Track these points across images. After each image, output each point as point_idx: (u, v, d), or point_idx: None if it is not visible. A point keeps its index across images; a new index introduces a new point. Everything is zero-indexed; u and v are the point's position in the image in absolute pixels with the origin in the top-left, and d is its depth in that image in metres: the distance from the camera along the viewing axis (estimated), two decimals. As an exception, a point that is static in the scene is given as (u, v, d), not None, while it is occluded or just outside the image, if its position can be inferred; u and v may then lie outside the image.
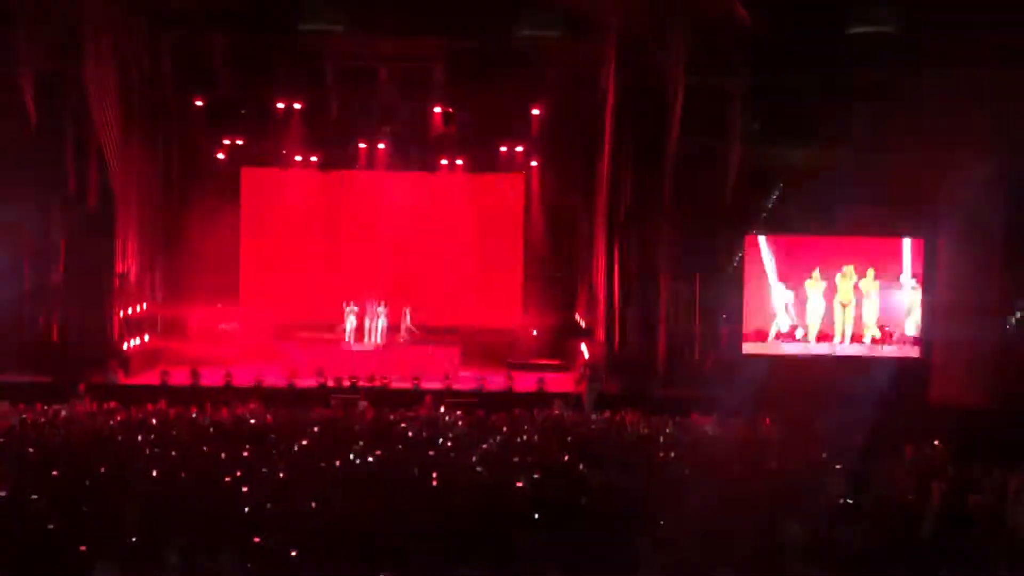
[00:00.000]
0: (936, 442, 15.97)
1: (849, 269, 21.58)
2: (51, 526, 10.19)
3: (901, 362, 21.19)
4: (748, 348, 21.48)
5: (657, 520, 10.52)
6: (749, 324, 21.60)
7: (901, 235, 21.70)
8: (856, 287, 21.58)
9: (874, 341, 21.50)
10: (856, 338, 21.48)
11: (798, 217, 22.07)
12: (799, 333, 21.54)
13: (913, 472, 14.64)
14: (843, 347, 21.49)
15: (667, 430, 16.96)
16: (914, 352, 21.45)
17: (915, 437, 16.46)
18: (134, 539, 9.73)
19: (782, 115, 21.99)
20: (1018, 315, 22.67)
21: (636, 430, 17.15)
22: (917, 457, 15.40)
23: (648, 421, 17.69)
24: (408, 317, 24.13)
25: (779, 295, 21.44)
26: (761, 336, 21.54)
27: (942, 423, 17.70)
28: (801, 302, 21.56)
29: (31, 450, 14.04)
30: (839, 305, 21.58)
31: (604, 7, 21.71)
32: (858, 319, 21.51)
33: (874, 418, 16.97)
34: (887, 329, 21.56)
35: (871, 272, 21.51)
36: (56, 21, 20.33)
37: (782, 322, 21.50)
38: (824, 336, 21.51)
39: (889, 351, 21.39)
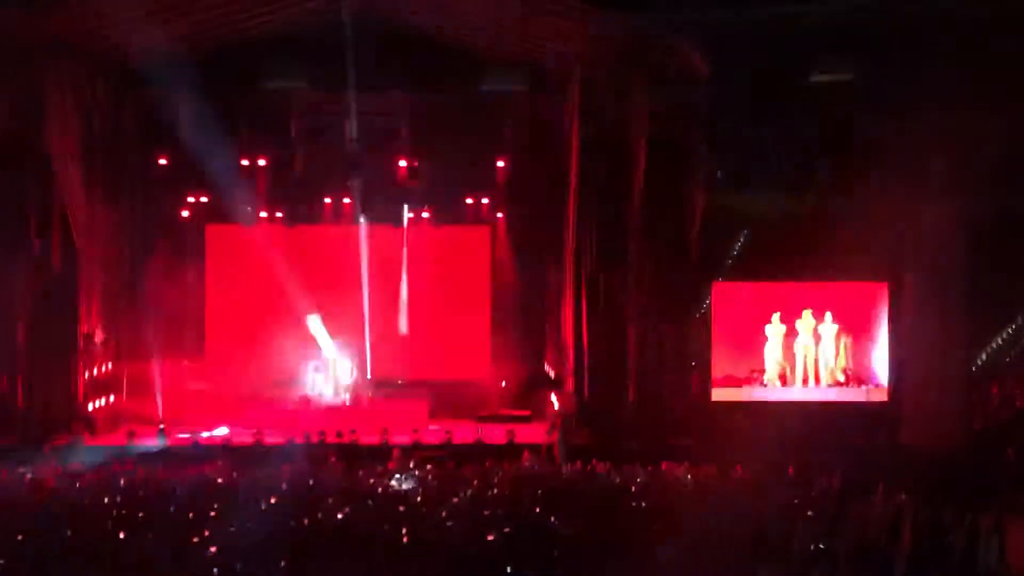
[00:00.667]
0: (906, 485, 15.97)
1: (807, 314, 21.75)
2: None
3: (869, 406, 21.28)
4: (717, 395, 21.52)
5: (631, 572, 10.50)
6: (718, 370, 21.69)
7: (864, 280, 21.88)
8: (815, 331, 21.75)
9: (838, 384, 21.61)
10: (819, 381, 21.65)
11: (763, 264, 22.22)
12: (767, 378, 21.68)
13: (885, 515, 14.69)
14: (811, 391, 21.57)
15: (638, 479, 16.93)
16: (882, 396, 21.56)
17: (885, 480, 16.52)
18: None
19: (745, 164, 22.21)
20: (983, 357, 22.88)
21: (607, 481, 17.13)
22: (888, 500, 15.42)
23: (619, 471, 17.65)
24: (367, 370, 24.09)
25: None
26: (732, 382, 21.61)
27: (912, 465, 17.79)
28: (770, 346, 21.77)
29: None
30: (801, 349, 21.74)
31: (566, 62, 21.93)
32: (820, 362, 21.69)
33: (844, 462, 17.03)
34: (849, 372, 21.70)
35: (828, 316, 21.71)
36: (18, 81, 20.31)
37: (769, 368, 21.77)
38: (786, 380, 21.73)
39: (857, 395, 21.48)
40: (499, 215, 26.32)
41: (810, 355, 21.75)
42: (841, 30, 21.06)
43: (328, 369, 23.86)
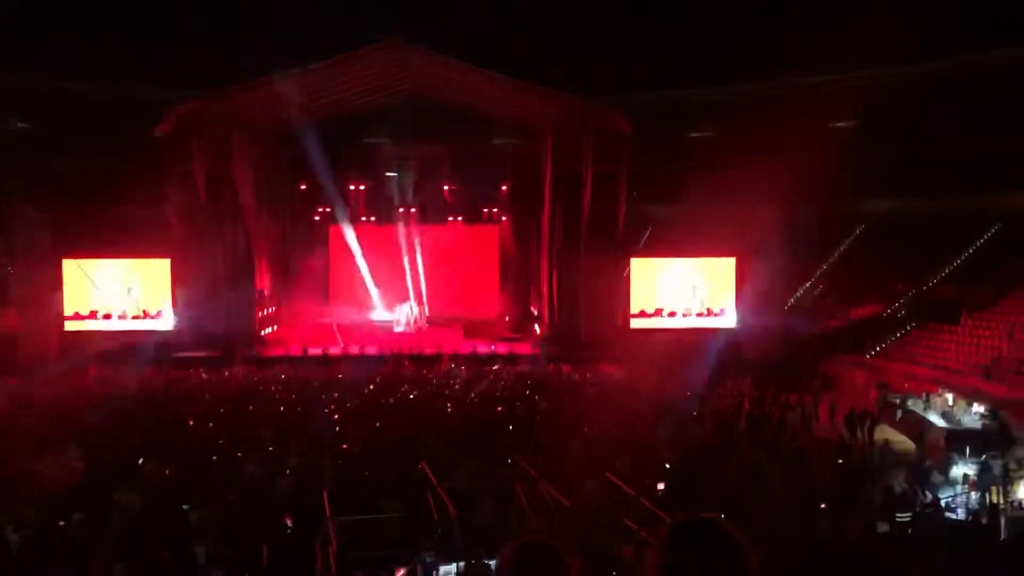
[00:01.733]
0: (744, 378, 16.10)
1: (689, 275, 21.81)
2: (220, 441, 10.23)
3: (725, 331, 21.35)
4: (635, 324, 21.57)
5: (582, 428, 10.66)
6: (635, 308, 21.78)
7: (721, 255, 21.91)
8: (693, 287, 21.84)
9: (703, 315, 21.73)
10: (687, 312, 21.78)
11: (660, 247, 22.24)
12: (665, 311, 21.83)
13: (732, 394, 14.85)
14: (689, 321, 21.65)
15: (587, 375, 17.11)
16: (732, 324, 21.64)
17: (733, 374, 16.69)
18: (270, 448, 9.78)
19: (649, 186, 22.18)
20: (790, 303, 22.94)
21: (569, 376, 17.29)
22: (734, 386, 15.57)
23: (576, 370, 17.80)
24: (426, 311, 24.16)
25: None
26: (643, 315, 21.71)
27: (749, 367, 17.94)
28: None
29: (207, 397, 14.04)
30: (683, 296, 21.81)
31: (543, 123, 21.86)
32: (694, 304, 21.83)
33: (710, 365, 17.15)
34: (710, 310, 21.79)
35: (700, 277, 21.80)
36: (216, 139, 20.30)
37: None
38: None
39: (716, 324, 21.54)
40: (504, 219, 26.25)
41: (689, 299, 21.84)
42: (708, 106, 21.10)
43: (402, 311, 23.88)
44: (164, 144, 19.99)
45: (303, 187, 24.72)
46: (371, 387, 14.81)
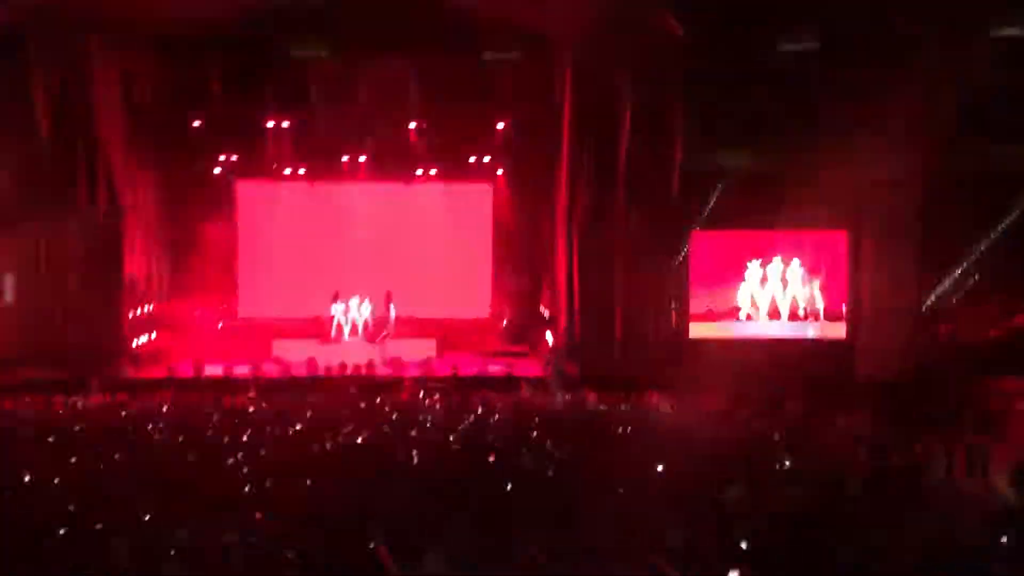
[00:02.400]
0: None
1: (777, 260, 21.88)
2: (71, 507, 10.12)
3: (828, 343, 21.31)
4: (694, 332, 21.57)
5: (616, 488, 10.55)
6: (697, 307, 21.81)
7: (826, 228, 21.86)
8: (783, 275, 21.87)
9: (799, 319, 21.77)
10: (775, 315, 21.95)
11: (736, 215, 22.15)
12: (741, 314, 21.87)
13: (841, 438, 14.77)
14: (777, 327, 21.64)
15: (622, 407, 17.03)
16: (839, 333, 21.61)
17: (842, 409, 16.62)
18: (146, 518, 9.68)
19: (720, 122, 22.02)
20: (931, 299, 22.86)
21: (595, 409, 17.21)
22: (845, 425, 15.50)
23: (605, 400, 17.74)
24: (392, 311, 24.17)
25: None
26: (711, 316, 21.72)
27: (866, 396, 17.85)
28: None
29: (50, 439, 13.94)
30: (770, 290, 21.89)
31: (559, 29, 21.74)
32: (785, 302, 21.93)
33: (806, 393, 17.09)
34: (808, 310, 21.81)
35: (795, 262, 21.84)
36: (66, 50, 20.18)
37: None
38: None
39: (817, 332, 21.53)
40: (499, 171, 26.18)
41: (778, 295, 21.81)
42: (806, 5, 20.99)
43: (348, 310, 23.85)
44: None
45: (197, 124, 24.62)
46: (298, 426, 14.71)
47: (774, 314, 21.90)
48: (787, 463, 12.98)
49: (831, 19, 21.03)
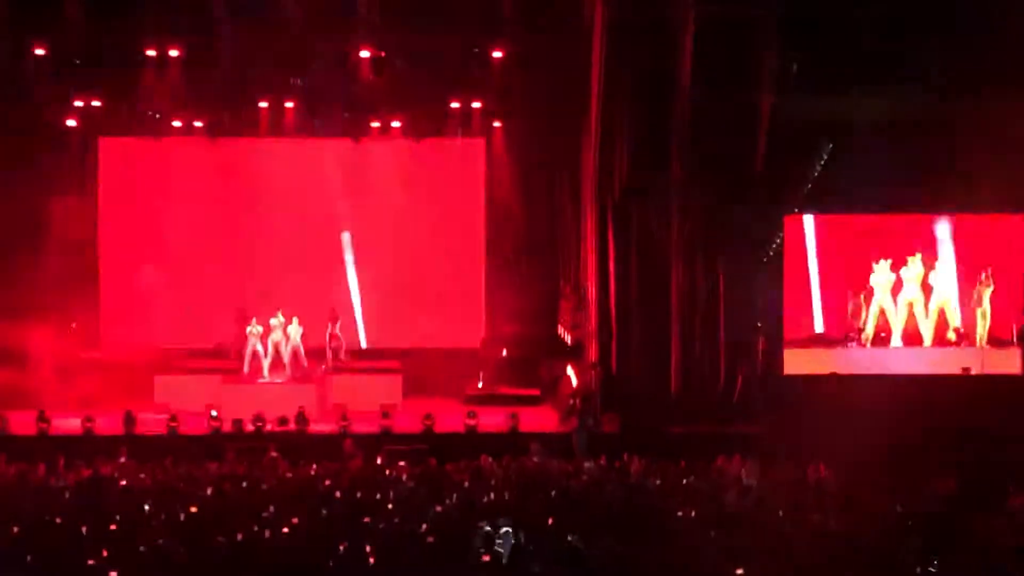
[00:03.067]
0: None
1: (915, 260, 21.84)
2: None
3: (994, 380, 21.23)
4: (792, 365, 21.49)
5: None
6: (797, 329, 21.82)
7: (994, 211, 21.82)
8: (925, 281, 21.91)
9: (949, 344, 21.81)
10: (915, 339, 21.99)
11: (855, 191, 22.10)
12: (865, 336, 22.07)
13: (1018, 527, 14.69)
14: (915, 358, 21.64)
15: (684, 481, 16.98)
16: (1013, 366, 21.53)
17: (1017, 480, 16.55)
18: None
19: (828, 53, 21.98)
20: None
21: (643, 482, 17.16)
22: (1021, 507, 15.46)
23: (659, 469, 17.70)
24: (330, 337, 24.16)
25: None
26: (818, 343, 21.90)
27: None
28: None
29: None
30: (905, 303, 21.92)
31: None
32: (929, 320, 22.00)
33: (964, 456, 17.01)
34: (966, 332, 21.87)
35: (946, 261, 21.94)
36: None
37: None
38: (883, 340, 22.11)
39: (977, 363, 21.49)
40: (496, 124, 26.20)
41: (919, 310, 21.77)
42: None
43: (267, 333, 23.82)
44: None
45: (41, 51, 24.56)
46: (192, 508, 14.68)
47: (913, 338, 21.85)
48: (933, 566, 12.92)
49: None
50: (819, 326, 22.04)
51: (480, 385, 24.32)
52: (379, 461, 18.47)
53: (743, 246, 21.70)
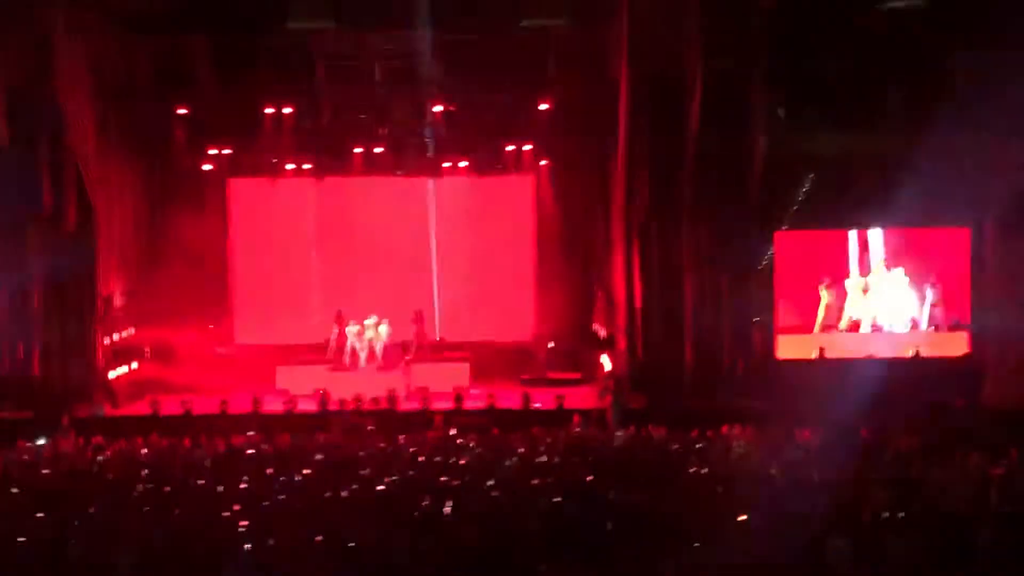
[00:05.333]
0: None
1: (880, 264, 21.78)
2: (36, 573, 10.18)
3: (948, 362, 21.04)
4: (783, 352, 21.41)
5: (691, 544, 10.45)
6: (785, 321, 21.71)
7: (943, 225, 21.63)
8: (889, 283, 21.79)
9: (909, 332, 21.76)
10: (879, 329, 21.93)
11: (830, 211, 21.98)
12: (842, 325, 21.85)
13: (967, 480, 14.55)
14: (884, 345, 21.46)
15: (698, 445, 16.92)
16: (962, 348, 21.35)
17: (967, 443, 16.39)
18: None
19: (809, 99, 21.86)
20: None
21: (664, 446, 17.12)
22: (970, 466, 15.29)
23: (677, 436, 17.65)
24: (415, 334, 24.27)
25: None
26: (802, 330, 21.65)
27: (997, 427, 17.58)
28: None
29: (14, 491, 14.04)
30: (873, 302, 21.85)
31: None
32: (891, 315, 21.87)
33: (921, 423, 16.87)
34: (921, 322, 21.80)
35: (904, 267, 21.73)
36: (25, 28, 20.34)
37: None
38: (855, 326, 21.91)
39: (933, 349, 21.29)
40: (543, 163, 26.19)
41: (883, 306, 21.63)
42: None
43: (364, 331, 23.88)
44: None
45: (182, 111, 24.81)
46: (306, 471, 14.76)
47: (878, 329, 21.71)
48: (901, 512, 12.80)
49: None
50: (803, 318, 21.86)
51: (532, 371, 24.26)
52: (452, 432, 18.51)
53: (742, 257, 21.53)
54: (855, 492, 13.19)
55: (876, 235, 21.88)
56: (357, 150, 25.79)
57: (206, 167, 25.92)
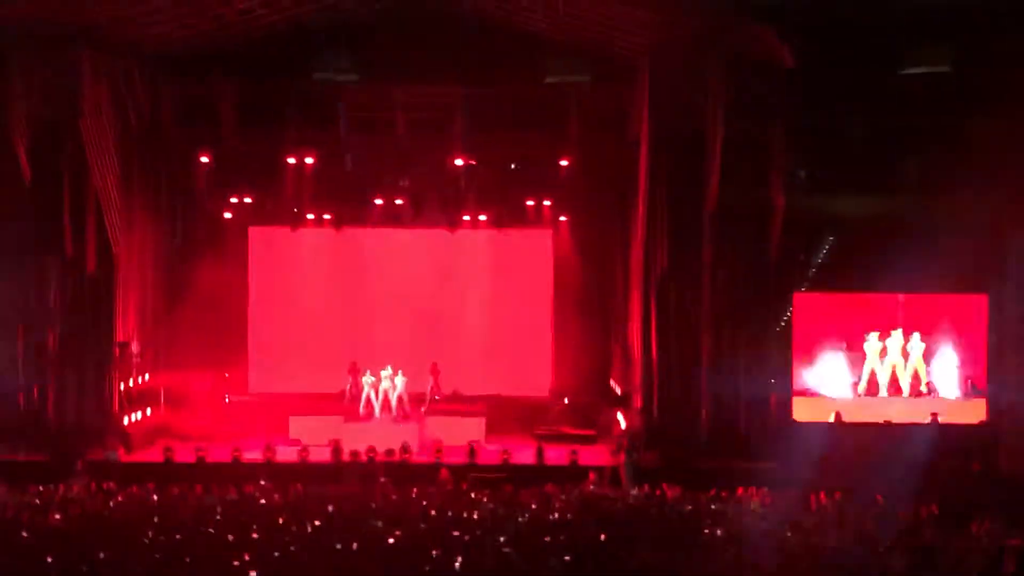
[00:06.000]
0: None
1: (897, 332, 21.62)
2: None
3: (965, 428, 20.90)
4: (800, 414, 21.31)
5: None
6: (802, 384, 21.60)
7: (961, 291, 21.56)
8: (904, 349, 21.62)
9: (922, 395, 21.54)
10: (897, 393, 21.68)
11: (849, 273, 21.96)
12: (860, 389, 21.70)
13: (982, 548, 14.44)
14: (902, 411, 21.32)
15: (712, 506, 16.83)
16: (979, 415, 21.21)
17: (983, 510, 16.28)
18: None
19: (829, 161, 21.96)
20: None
21: (678, 506, 17.02)
22: (987, 533, 15.18)
23: (691, 496, 17.56)
24: (430, 385, 24.26)
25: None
26: (817, 394, 21.56)
27: (1014, 495, 17.46)
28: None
29: (25, 535, 14.03)
30: (889, 366, 21.67)
31: (634, 49, 21.83)
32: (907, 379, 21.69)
33: (938, 489, 16.75)
34: (939, 388, 21.62)
35: (916, 335, 21.59)
36: (53, 69, 20.53)
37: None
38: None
39: (951, 415, 21.12)
40: (562, 218, 26.29)
41: (900, 371, 21.52)
42: (938, 16, 20.81)
43: (379, 382, 23.87)
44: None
45: (205, 159, 25.00)
46: (316, 523, 14.72)
47: (895, 392, 21.55)
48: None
49: (966, 36, 20.93)
50: (820, 381, 21.74)
51: (547, 426, 24.17)
52: (465, 486, 18.43)
53: (760, 317, 21.48)
54: (870, 558, 13.12)
55: (894, 299, 21.79)
56: (377, 201, 25.96)
57: (227, 215, 26.13)
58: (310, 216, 26.15)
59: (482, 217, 26.25)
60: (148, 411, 23.67)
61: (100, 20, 20.47)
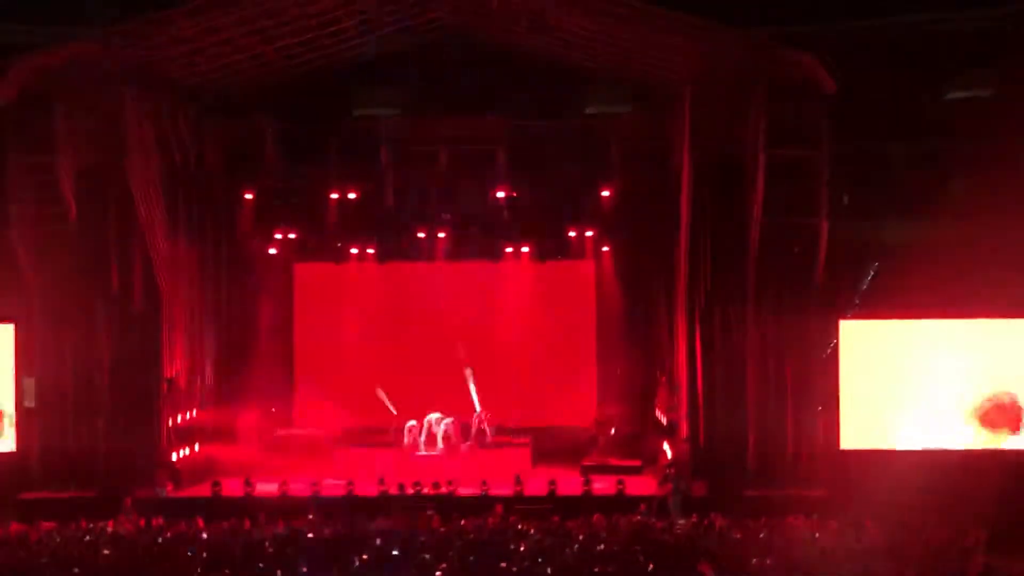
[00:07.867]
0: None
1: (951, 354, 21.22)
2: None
3: (1018, 453, 20.60)
4: (846, 441, 21.08)
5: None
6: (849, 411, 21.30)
7: (1009, 316, 21.27)
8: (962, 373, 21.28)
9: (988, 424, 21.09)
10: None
11: (897, 299, 21.74)
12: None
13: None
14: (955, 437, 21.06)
15: (760, 535, 16.70)
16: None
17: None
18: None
19: (874, 186, 21.88)
20: None
21: (726, 535, 16.91)
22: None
23: (739, 525, 17.43)
24: (477, 422, 24.27)
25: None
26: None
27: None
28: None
29: (76, 571, 14.11)
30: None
31: (675, 78, 21.83)
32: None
33: (989, 517, 16.53)
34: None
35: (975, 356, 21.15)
36: (98, 109, 20.76)
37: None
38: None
39: (1012, 442, 20.84)
40: (605, 248, 26.27)
41: (956, 397, 21.24)
42: (981, 41, 20.73)
43: (425, 416, 23.87)
44: (2, 121, 20.51)
45: (249, 196, 25.18)
46: (365, 556, 14.72)
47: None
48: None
49: (1008, 60, 20.82)
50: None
51: (593, 457, 24.07)
52: (512, 519, 18.37)
53: (806, 345, 21.34)
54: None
55: (941, 325, 21.54)
56: (420, 234, 26.04)
57: (272, 251, 26.28)
58: (353, 251, 26.27)
59: (524, 249, 26.26)
60: (196, 447, 23.77)
61: (142, 60, 20.67)
